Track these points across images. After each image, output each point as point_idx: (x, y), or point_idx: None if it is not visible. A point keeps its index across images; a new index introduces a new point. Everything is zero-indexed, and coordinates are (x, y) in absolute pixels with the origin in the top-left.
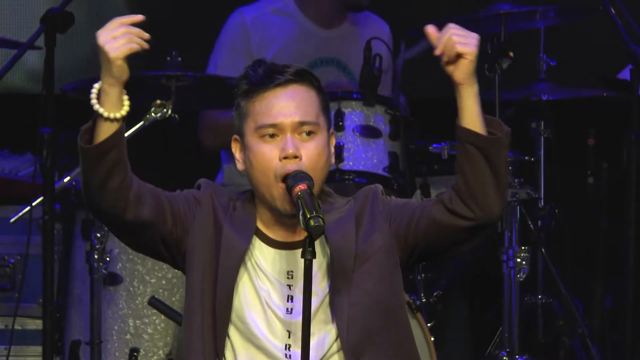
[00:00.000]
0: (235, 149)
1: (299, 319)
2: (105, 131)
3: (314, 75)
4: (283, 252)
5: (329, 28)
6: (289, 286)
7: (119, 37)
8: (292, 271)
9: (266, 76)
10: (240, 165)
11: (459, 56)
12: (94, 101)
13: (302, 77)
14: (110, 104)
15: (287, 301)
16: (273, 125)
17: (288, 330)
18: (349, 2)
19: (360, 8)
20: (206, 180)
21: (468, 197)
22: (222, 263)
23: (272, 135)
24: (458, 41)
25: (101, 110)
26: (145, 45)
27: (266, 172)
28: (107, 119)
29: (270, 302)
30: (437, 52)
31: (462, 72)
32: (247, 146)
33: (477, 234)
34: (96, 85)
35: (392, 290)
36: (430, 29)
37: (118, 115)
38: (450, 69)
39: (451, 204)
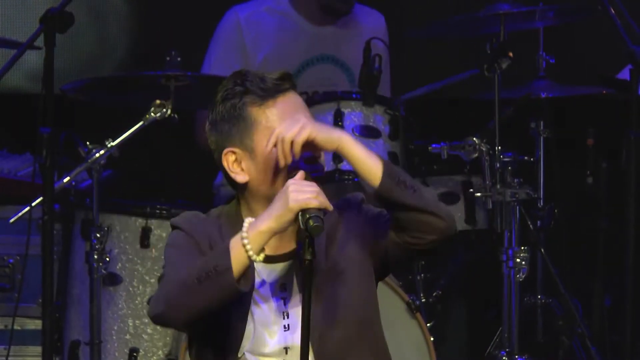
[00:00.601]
0: (230, 163)
1: (295, 335)
2: (242, 267)
3: None
4: (275, 265)
5: (323, 25)
6: (284, 300)
7: (308, 192)
8: (284, 284)
9: (267, 84)
10: (242, 177)
11: (309, 143)
12: (246, 235)
13: (293, 82)
14: (256, 245)
15: (283, 318)
16: None
17: (285, 347)
18: (328, 8)
19: (339, 14)
20: (176, 231)
21: (416, 232)
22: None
23: None
24: (292, 133)
25: (249, 247)
26: (329, 207)
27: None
28: (249, 256)
29: (266, 324)
30: (285, 162)
31: (325, 141)
32: (258, 154)
33: (444, 241)
34: (251, 221)
35: (367, 303)
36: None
37: (255, 256)
38: (315, 153)
39: (404, 239)
